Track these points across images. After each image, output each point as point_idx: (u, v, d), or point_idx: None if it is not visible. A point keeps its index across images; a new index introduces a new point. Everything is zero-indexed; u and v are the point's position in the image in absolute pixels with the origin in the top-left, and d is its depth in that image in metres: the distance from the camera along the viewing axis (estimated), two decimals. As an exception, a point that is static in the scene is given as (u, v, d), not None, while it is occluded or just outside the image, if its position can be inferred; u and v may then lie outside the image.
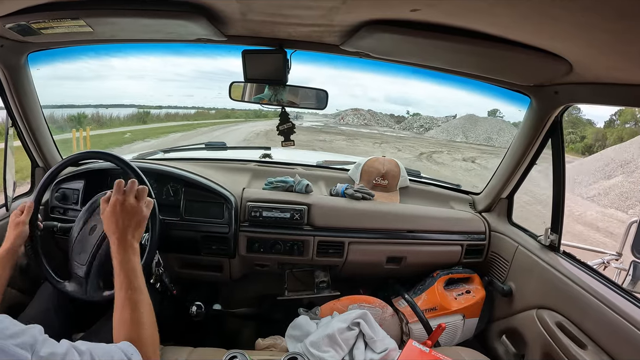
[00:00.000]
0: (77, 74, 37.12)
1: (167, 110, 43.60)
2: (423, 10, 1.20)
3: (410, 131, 55.11)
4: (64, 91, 40.29)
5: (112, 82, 45.78)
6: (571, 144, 39.73)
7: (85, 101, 39.01)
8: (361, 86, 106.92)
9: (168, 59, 65.81)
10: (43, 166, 2.38)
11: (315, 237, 2.35)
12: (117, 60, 44.87)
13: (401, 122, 62.87)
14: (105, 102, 37.42)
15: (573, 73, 1.54)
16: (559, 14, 0.98)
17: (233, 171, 2.74)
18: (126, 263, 1.35)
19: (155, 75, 58.79)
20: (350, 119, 59.78)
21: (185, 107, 50.33)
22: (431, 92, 61.95)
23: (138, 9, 1.48)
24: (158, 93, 54.18)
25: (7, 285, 1.86)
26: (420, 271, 2.52)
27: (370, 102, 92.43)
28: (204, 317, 2.33)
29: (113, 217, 1.43)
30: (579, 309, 1.78)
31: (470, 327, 2.39)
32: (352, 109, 62.56)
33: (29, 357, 0.83)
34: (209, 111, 50.48)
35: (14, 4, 1.40)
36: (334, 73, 69.90)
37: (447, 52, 1.59)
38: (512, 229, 2.45)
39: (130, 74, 51.57)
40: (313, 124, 51.42)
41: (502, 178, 2.46)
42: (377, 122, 60.47)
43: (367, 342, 1.90)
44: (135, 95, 62.74)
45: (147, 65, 51.28)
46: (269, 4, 1.41)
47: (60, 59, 2.31)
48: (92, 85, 48.72)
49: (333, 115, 61.89)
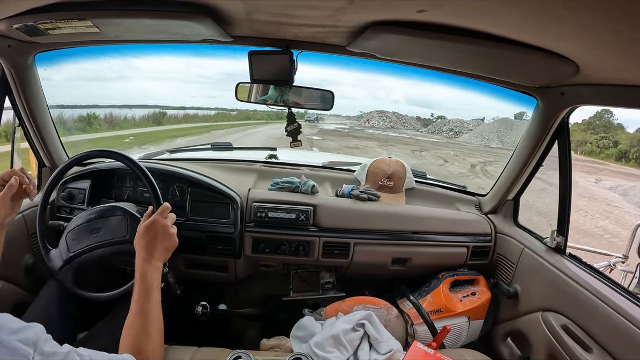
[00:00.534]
0: (102, 75, 37.61)
1: (186, 111, 42.86)
2: (429, 11, 1.21)
3: (440, 135, 52.70)
4: (89, 92, 40.49)
5: (137, 83, 46.16)
6: (605, 150, 38.44)
7: (110, 101, 38.90)
8: (384, 88, 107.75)
9: (192, 60, 66.39)
10: (50, 166, 2.40)
11: (320, 238, 2.36)
12: (140, 61, 45.32)
13: (428, 125, 60.88)
14: (130, 103, 37.16)
15: (579, 74, 1.53)
16: (564, 14, 0.98)
17: (239, 172, 2.74)
18: (148, 278, 1.40)
19: (179, 76, 59.66)
20: (375, 122, 57.63)
21: (208, 108, 49.73)
22: (452, 95, 62.24)
23: (144, 10, 1.49)
24: (182, 94, 54.82)
25: (12, 283, 1.87)
26: (426, 273, 2.52)
27: (393, 105, 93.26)
28: (209, 317, 2.35)
29: (149, 235, 1.49)
30: (585, 311, 1.77)
31: (476, 329, 2.39)
32: (377, 111, 60.34)
33: (32, 352, 0.84)
34: (230, 112, 49.62)
35: (21, 5, 1.40)
36: (360, 76, 70.77)
37: (452, 52, 1.60)
38: (518, 230, 2.44)
39: (154, 75, 52.22)
40: (338, 127, 49.03)
41: (509, 180, 2.46)
42: (404, 125, 58.24)
43: (371, 343, 1.90)
44: (159, 96, 63.27)
45: (171, 66, 51.99)
46: (274, 4, 1.42)
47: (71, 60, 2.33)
48: (117, 86, 49.06)
49: (356, 117, 60.55)
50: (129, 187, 2.41)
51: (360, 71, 4.25)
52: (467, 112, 69.04)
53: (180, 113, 38.38)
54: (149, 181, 1.84)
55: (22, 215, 2.14)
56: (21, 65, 2.01)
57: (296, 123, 2.28)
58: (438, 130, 56.35)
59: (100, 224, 1.82)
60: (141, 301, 1.34)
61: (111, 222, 1.80)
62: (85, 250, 1.78)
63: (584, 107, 1.98)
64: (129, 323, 1.30)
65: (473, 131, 54.33)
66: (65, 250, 1.80)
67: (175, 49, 2.29)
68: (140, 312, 1.32)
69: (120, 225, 1.79)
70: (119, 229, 1.79)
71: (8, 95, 2.06)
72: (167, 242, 1.53)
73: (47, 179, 2.31)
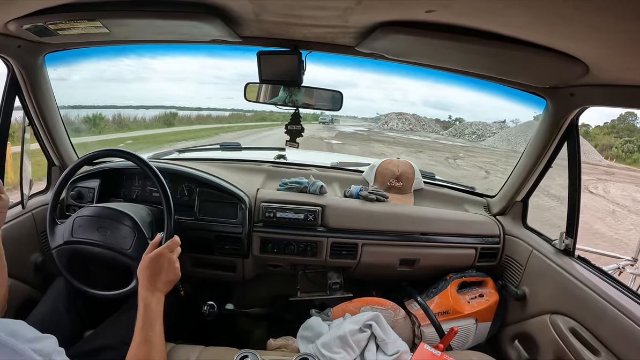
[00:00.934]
0: (119, 75, 37.56)
1: (201, 112, 41.88)
2: (438, 11, 1.21)
3: (463, 138, 49.99)
4: (105, 92, 40.27)
5: (153, 84, 45.87)
6: (630, 155, 36.82)
7: (127, 102, 38.43)
8: (400, 90, 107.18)
9: (207, 61, 66.33)
10: (59, 165, 2.42)
11: (328, 239, 2.36)
12: (156, 62, 45.07)
13: (448, 127, 58.15)
14: (146, 104, 36.57)
15: (589, 75, 1.53)
16: (573, 14, 0.98)
17: (247, 172, 2.76)
18: (152, 309, 1.42)
19: (196, 78, 59.65)
20: (394, 124, 55.70)
21: (224, 109, 48.76)
22: (467, 97, 60.92)
23: (153, 11, 1.51)
24: (198, 95, 54.77)
25: (21, 280, 1.88)
26: (434, 274, 2.52)
27: (410, 107, 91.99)
28: (216, 317, 2.36)
29: (155, 267, 1.51)
30: (593, 314, 1.77)
31: (483, 331, 2.39)
32: (396, 113, 58.41)
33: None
34: (246, 114, 48.49)
35: (31, 5, 1.42)
36: (376, 77, 70.33)
37: (461, 53, 1.60)
38: (527, 232, 2.43)
39: (171, 76, 52.06)
40: (357, 129, 46.56)
41: (518, 181, 2.45)
42: (423, 127, 55.82)
43: (378, 344, 1.90)
44: (176, 97, 63.25)
45: (187, 68, 52.14)
46: (283, 4, 1.43)
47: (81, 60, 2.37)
48: (133, 87, 48.73)
49: (373, 119, 58.83)
50: (138, 186, 2.44)
51: (376, 72, 4.29)
52: (482, 114, 68.01)
53: (193, 114, 37.18)
54: (159, 181, 1.86)
55: (31, 213, 2.17)
56: (31, 65, 2.03)
57: (299, 125, 2.29)
58: (460, 133, 53.68)
59: (108, 225, 1.82)
60: (145, 331, 1.36)
61: (119, 230, 1.81)
62: (87, 242, 1.80)
63: (607, 110, 1.97)
64: (133, 352, 1.33)
65: (497, 134, 52.43)
66: (68, 231, 1.83)
67: (191, 49, 2.32)
68: (144, 342, 1.34)
69: (127, 237, 1.80)
70: (124, 240, 1.79)
71: (18, 95, 2.08)
72: (172, 276, 1.55)
73: (56, 178, 2.35)
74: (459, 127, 56.01)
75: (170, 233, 1.84)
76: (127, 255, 1.76)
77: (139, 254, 1.65)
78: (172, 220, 1.86)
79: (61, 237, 1.83)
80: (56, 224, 1.88)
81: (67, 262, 1.84)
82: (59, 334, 0.98)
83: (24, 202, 2.13)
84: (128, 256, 1.76)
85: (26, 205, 2.15)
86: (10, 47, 1.85)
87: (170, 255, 1.55)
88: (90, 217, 1.83)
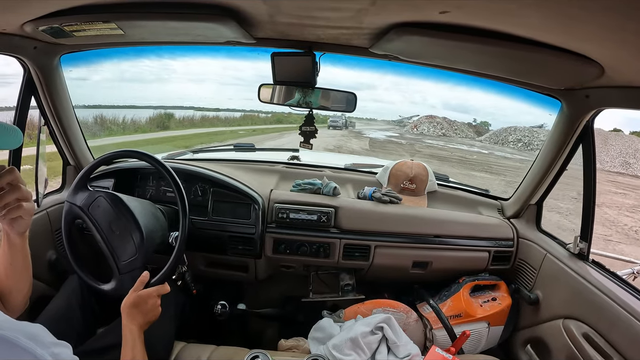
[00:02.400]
0: (141, 76, 37.26)
1: (218, 113, 40.02)
2: (452, 12, 1.22)
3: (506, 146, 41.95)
4: (123, 92, 40.04)
5: (174, 85, 45.13)
6: None
7: (147, 102, 37.82)
8: (419, 92, 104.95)
9: (228, 62, 65.19)
10: (74, 164, 2.46)
11: (341, 240, 2.38)
12: (176, 63, 44.19)
13: (481, 132, 51.25)
14: (166, 104, 35.66)
15: (604, 76, 1.52)
16: (583, 14, 0.98)
17: (261, 172, 2.78)
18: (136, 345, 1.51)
19: (216, 79, 59.11)
20: (425, 128, 49.88)
21: (236, 109, 46.78)
22: (487, 100, 58.30)
23: (168, 12, 1.52)
24: (219, 96, 54.24)
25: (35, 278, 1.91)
26: (446, 277, 2.52)
27: (430, 109, 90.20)
28: (227, 317, 2.38)
29: (140, 308, 1.59)
30: (607, 320, 1.76)
31: (495, 335, 2.38)
32: (425, 116, 52.93)
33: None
34: (259, 115, 45.87)
35: (46, 7, 1.45)
36: (394, 79, 68.90)
37: (475, 54, 1.60)
38: (541, 236, 2.42)
39: (191, 77, 51.24)
40: (388, 135, 39.98)
41: (532, 184, 2.44)
42: (455, 132, 49.69)
43: (389, 347, 1.92)
44: (196, 98, 62.79)
45: (208, 69, 51.75)
46: (297, 5, 1.44)
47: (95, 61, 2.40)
48: (155, 88, 48.28)
49: (396, 122, 55.27)
50: (152, 186, 2.47)
51: (395, 74, 4.22)
52: (504, 117, 66.48)
53: (197, 114, 35.23)
54: (175, 181, 1.90)
55: (46, 212, 2.22)
56: (47, 66, 2.06)
57: (313, 126, 2.29)
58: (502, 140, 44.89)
59: (121, 229, 1.82)
60: (131, 353, 1.48)
61: (126, 240, 1.81)
62: (94, 225, 1.81)
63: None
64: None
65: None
66: (88, 202, 1.84)
67: (210, 50, 2.36)
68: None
69: (127, 250, 1.80)
70: (124, 251, 1.80)
71: (34, 96, 2.12)
72: (152, 317, 1.62)
73: (71, 177, 2.38)
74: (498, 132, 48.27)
75: (185, 233, 1.87)
76: (118, 265, 1.77)
77: (126, 272, 1.75)
78: (187, 220, 1.87)
79: (80, 200, 1.85)
80: (84, 189, 1.89)
81: (70, 221, 1.88)
82: (71, 330, 1.01)
83: (39, 201, 2.16)
84: (117, 265, 1.77)
85: (41, 203, 2.18)
86: (27, 49, 1.88)
87: (156, 300, 1.62)
88: (110, 207, 1.84)
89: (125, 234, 1.80)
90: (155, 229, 1.98)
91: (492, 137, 46.04)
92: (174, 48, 2.25)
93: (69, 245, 1.87)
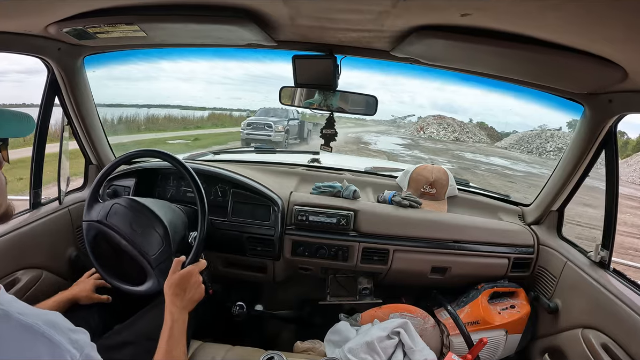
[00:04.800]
0: (129, 75, 36.94)
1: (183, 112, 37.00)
2: (473, 14, 1.23)
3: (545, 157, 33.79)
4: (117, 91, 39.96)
5: (162, 84, 44.74)
6: None
7: (135, 101, 37.16)
8: (409, 92, 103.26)
9: (217, 62, 64.83)
10: (96, 163, 2.55)
11: (360, 244, 2.40)
12: (167, 63, 43.66)
13: (499, 138, 43.07)
14: (154, 103, 34.64)
15: (628, 80, 1.52)
16: (609, 18, 0.99)
17: (281, 175, 2.82)
18: (179, 325, 1.54)
19: (204, 78, 58.53)
20: (434, 130, 42.64)
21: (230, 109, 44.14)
22: (477, 99, 56.49)
23: (189, 15, 1.57)
24: (207, 94, 53.77)
25: (55, 274, 1.95)
26: (465, 283, 2.53)
27: (419, 110, 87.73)
28: (244, 317, 2.42)
29: (182, 286, 1.64)
30: (627, 330, 1.75)
31: (513, 343, 2.38)
32: (433, 116, 46.20)
33: (78, 355, 0.91)
34: (231, 114, 41.26)
35: (71, 9, 1.50)
36: (382, 79, 67.58)
37: (497, 57, 1.61)
38: (562, 243, 2.41)
39: (179, 76, 50.78)
40: (398, 144, 31.40)
41: (553, 190, 2.43)
42: (468, 136, 42.31)
43: (406, 352, 1.93)
44: (183, 97, 62.91)
45: (196, 68, 51.35)
46: (318, 8, 1.46)
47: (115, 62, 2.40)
48: (142, 86, 48.05)
49: (389, 122, 52.67)
50: (172, 186, 2.52)
51: (383, 74, 4.13)
52: (491, 117, 65.30)
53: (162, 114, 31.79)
54: (195, 182, 1.94)
55: (67, 209, 2.29)
56: (70, 67, 2.13)
57: (333, 129, 2.31)
58: (538, 148, 36.27)
59: (141, 225, 1.87)
60: (171, 345, 1.48)
61: (150, 234, 1.86)
62: (117, 231, 1.85)
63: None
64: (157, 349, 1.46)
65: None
66: (105, 213, 1.88)
67: (202, 52, 2.40)
68: (168, 353, 1.45)
69: (154, 244, 1.84)
70: (151, 245, 1.84)
71: (57, 96, 2.19)
72: (197, 295, 1.67)
73: (93, 175, 2.43)
74: (527, 138, 38.83)
75: (204, 233, 1.91)
76: (149, 260, 1.81)
77: (159, 263, 1.78)
78: (206, 220, 1.89)
79: (97, 214, 1.90)
80: (97, 202, 1.94)
81: (92, 238, 1.92)
82: (87, 327, 1.01)
83: (61, 198, 2.22)
84: (149, 261, 1.81)
85: (63, 201, 2.24)
86: (51, 50, 1.95)
87: (198, 277, 1.68)
88: (127, 209, 1.89)
89: (148, 229, 1.85)
90: (176, 220, 2.04)
91: (519, 144, 38.18)
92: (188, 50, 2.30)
93: (98, 263, 1.92)
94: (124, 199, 1.92)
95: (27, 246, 1.98)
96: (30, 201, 2.11)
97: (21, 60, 10.01)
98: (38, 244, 2.05)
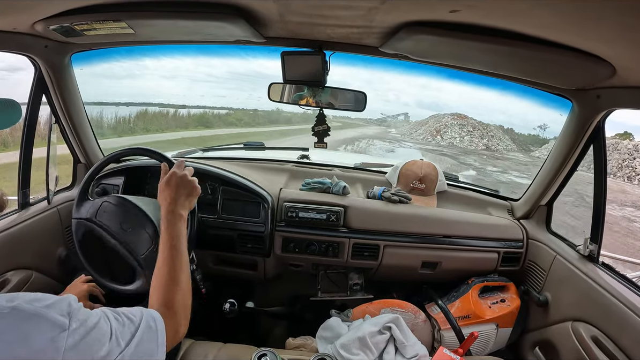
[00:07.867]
0: (113, 73, 36.46)
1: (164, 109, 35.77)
2: (462, 11, 1.23)
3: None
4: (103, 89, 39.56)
5: (145, 82, 44.32)
6: None
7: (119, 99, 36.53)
8: (393, 91, 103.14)
9: (200, 60, 64.58)
10: (85, 162, 2.51)
11: (350, 239, 2.39)
12: (150, 60, 43.25)
13: (525, 144, 36.59)
14: (136, 101, 34.00)
15: (616, 76, 1.52)
16: (600, 14, 1.00)
17: (271, 171, 2.80)
18: (173, 226, 1.47)
19: (188, 75, 57.99)
20: (455, 135, 35.65)
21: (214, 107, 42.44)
22: (464, 96, 55.51)
23: (178, 11, 1.55)
24: (191, 92, 53.38)
25: (45, 274, 1.93)
26: (455, 277, 2.53)
27: (404, 107, 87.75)
28: (236, 314, 2.40)
29: (169, 187, 1.57)
30: (616, 323, 1.76)
31: (504, 336, 2.39)
32: (451, 115, 38.95)
33: (67, 322, 0.88)
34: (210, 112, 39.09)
35: (57, 6, 1.49)
36: (368, 77, 67.32)
37: (486, 53, 1.61)
38: (551, 237, 2.42)
39: (163, 73, 50.16)
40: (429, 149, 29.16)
41: (542, 184, 2.44)
42: (496, 142, 35.19)
43: (397, 347, 1.92)
44: (168, 95, 61.80)
45: (180, 65, 51.18)
46: (307, 4, 1.45)
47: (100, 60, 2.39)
48: (126, 84, 47.48)
49: (379, 121, 51.25)
50: None
51: (368, 70, 4.11)
52: (478, 116, 64.95)
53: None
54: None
55: (56, 209, 2.26)
56: (58, 65, 2.10)
57: (325, 125, 2.29)
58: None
59: (131, 224, 1.84)
60: (167, 249, 1.41)
61: (139, 233, 1.83)
62: (106, 230, 1.83)
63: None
64: (157, 271, 1.37)
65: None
66: (94, 211, 1.87)
67: (185, 48, 2.38)
68: (168, 259, 1.38)
69: (143, 243, 1.81)
70: (140, 245, 1.81)
71: (45, 94, 2.15)
72: (189, 190, 1.62)
73: (82, 174, 2.40)
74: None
75: (193, 230, 1.92)
76: (138, 260, 1.79)
77: (148, 264, 1.73)
78: (196, 218, 1.89)
79: (86, 212, 1.88)
80: (87, 199, 1.93)
81: (82, 236, 1.90)
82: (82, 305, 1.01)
83: (49, 198, 2.19)
84: (138, 261, 1.79)
85: (52, 200, 2.22)
86: (38, 47, 1.92)
87: (181, 173, 1.62)
88: (117, 207, 1.87)
89: (138, 229, 1.82)
90: None
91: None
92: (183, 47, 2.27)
93: (87, 260, 1.91)
94: (114, 197, 1.90)
95: (16, 247, 1.96)
96: (18, 201, 2.08)
97: (3, 57, 9.79)
98: (28, 244, 2.03)
